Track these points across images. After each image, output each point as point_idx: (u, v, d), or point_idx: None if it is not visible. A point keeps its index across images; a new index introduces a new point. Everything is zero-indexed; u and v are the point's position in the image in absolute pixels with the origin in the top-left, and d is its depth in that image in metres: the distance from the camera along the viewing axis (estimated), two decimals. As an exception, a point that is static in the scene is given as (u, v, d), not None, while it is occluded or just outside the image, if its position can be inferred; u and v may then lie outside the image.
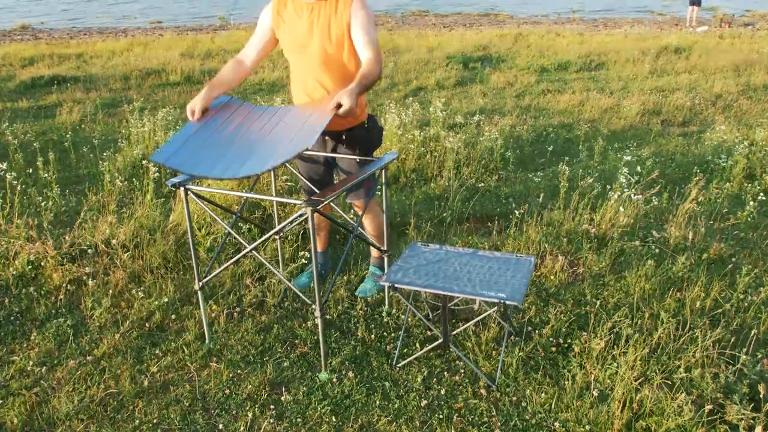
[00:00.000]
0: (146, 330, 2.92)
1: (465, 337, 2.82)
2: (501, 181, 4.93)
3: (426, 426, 2.31)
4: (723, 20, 18.26)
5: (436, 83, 9.16)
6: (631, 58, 10.78)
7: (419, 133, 5.22)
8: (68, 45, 13.86)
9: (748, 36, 14.37)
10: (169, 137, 5.41)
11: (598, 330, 2.73)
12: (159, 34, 17.32)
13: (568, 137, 6.24)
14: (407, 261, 2.63)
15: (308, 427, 2.31)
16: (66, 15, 23.79)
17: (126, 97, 8.42)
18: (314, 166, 3.00)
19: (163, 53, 11.70)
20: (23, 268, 3.32)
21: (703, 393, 2.35)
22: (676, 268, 3.33)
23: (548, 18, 22.40)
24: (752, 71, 9.42)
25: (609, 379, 2.47)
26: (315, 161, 2.99)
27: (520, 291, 2.34)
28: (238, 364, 2.67)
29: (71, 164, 5.46)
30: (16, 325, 2.97)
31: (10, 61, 11.07)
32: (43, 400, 2.45)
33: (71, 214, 4.18)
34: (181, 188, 2.46)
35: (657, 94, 8.04)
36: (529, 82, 9.25)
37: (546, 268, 3.36)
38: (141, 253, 3.50)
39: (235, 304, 3.13)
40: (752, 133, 5.76)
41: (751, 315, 2.97)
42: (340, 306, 3.10)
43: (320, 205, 2.23)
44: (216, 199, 3.91)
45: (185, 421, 2.35)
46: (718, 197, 4.46)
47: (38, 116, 7.37)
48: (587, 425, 2.27)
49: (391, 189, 4.73)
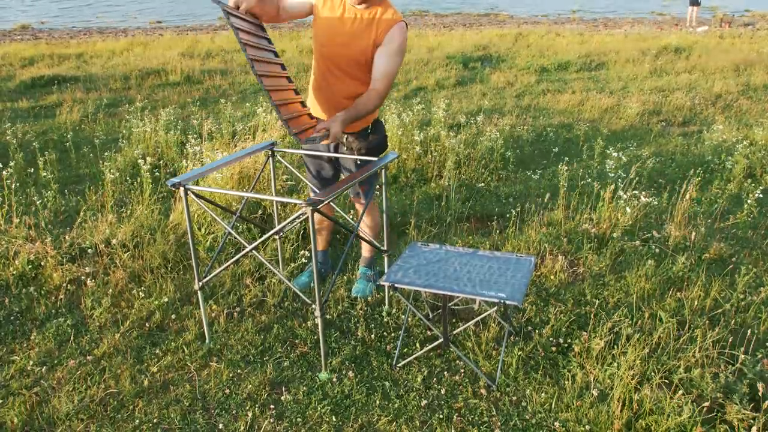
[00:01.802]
0: (146, 330, 2.92)
1: (465, 336, 2.82)
2: (501, 181, 4.93)
3: (426, 426, 2.32)
4: (723, 20, 18.27)
5: (436, 83, 9.16)
6: (631, 58, 10.78)
7: (419, 133, 5.22)
8: (68, 45, 13.86)
9: (748, 36, 14.37)
10: (169, 137, 5.42)
11: (598, 330, 2.73)
12: (159, 34, 17.32)
13: (568, 137, 6.24)
14: (407, 261, 2.64)
15: (308, 426, 2.31)
16: (66, 15, 23.78)
17: (126, 97, 8.42)
18: (320, 163, 3.03)
19: (163, 53, 11.70)
20: (23, 268, 3.32)
21: (703, 393, 2.35)
22: (676, 268, 3.33)
23: (548, 18, 22.40)
24: (752, 71, 9.43)
25: (609, 379, 2.47)
26: (320, 159, 3.01)
27: (520, 291, 2.34)
28: (238, 363, 2.67)
29: (71, 164, 5.46)
30: (16, 324, 2.97)
31: (10, 61, 11.08)
32: (43, 400, 2.45)
33: (71, 213, 4.18)
34: (181, 188, 2.46)
35: (657, 94, 8.04)
36: (529, 82, 9.25)
37: (546, 268, 3.36)
38: (141, 252, 3.50)
39: (235, 303, 3.13)
40: (752, 133, 5.76)
41: (751, 315, 2.97)
42: (340, 306, 3.10)
43: (320, 204, 2.23)
44: (216, 198, 3.91)
45: (185, 421, 2.35)
46: (718, 197, 4.46)
47: (38, 116, 7.38)
48: (587, 425, 2.27)
49: (391, 189, 4.73)
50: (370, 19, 2.61)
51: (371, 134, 2.88)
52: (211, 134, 5.65)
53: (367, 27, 2.61)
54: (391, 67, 2.61)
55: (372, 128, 2.89)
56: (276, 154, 3.02)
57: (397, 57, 2.62)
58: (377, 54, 2.61)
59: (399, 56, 2.63)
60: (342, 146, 2.89)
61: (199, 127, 6.03)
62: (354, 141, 2.84)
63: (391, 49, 2.59)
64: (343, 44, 2.66)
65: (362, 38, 2.62)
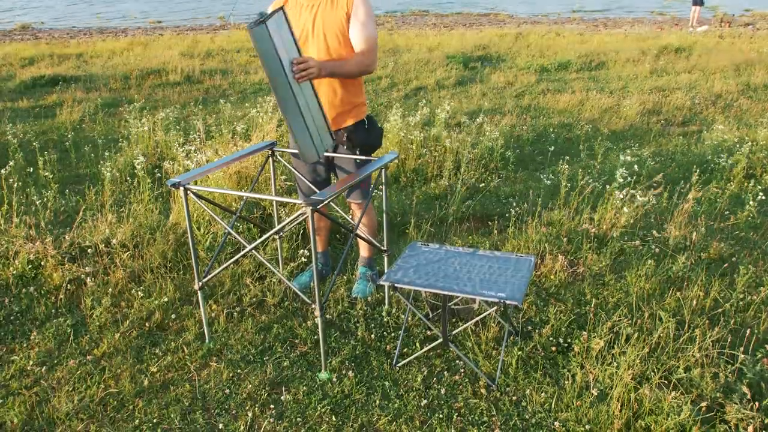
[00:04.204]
0: (146, 329, 2.92)
1: (465, 336, 2.82)
2: (501, 181, 4.93)
3: (426, 425, 2.31)
4: (723, 20, 18.27)
5: (436, 83, 9.16)
6: (631, 58, 10.78)
7: (419, 133, 5.22)
8: (68, 45, 13.86)
9: (748, 36, 14.37)
10: (170, 135, 5.42)
11: (598, 329, 2.73)
12: (159, 33, 17.32)
13: (568, 137, 6.24)
14: (407, 261, 2.64)
15: (308, 426, 2.31)
16: (66, 15, 23.78)
17: (126, 96, 8.42)
18: (314, 165, 3.01)
19: (163, 53, 11.70)
20: (23, 268, 3.32)
21: (703, 392, 2.35)
22: (675, 267, 3.33)
23: (548, 18, 22.40)
24: (752, 71, 9.42)
25: (609, 379, 2.47)
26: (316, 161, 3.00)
27: (520, 290, 2.34)
28: (238, 363, 2.67)
29: (71, 164, 5.46)
30: (16, 324, 2.97)
31: (11, 61, 11.08)
32: (43, 400, 2.45)
33: (71, 213, 4.18)
34: (181, 188, 2.46)
35: (657, 94, 8.04)
36: (529, 81, 9.25)
37: (546, 268, 3.36)
38: (141, 252, 3.50)
39: (235, 303, 3.13)
40: (752, 133, 5.76)
41: (751, 314, 2.97)
42: (340, 306, 3.10)
43: (320, 204, 2.23)
44: (215, 198, 3.91)
45: (185, 421, 2.35)
46: (718, 197, 4.46)
47: (38, 116, 7.38)
48: (587, 425, 2.27)
49: (391, 189, 4.73)
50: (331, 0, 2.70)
51: (368, 128, 2.92)
52: (211, 134, 5.65)
53: (333, 9, 2.70)
54: (369, 31, 2.70)
55: (367, 122, 2.93)
56: (276, 154, 3.02)
57: (371, 21, 2.71)
58: (351, 27, 2.70)
59: (372, 20, 2.73)
60: (341, 147, 2.90)
61: (197, 127, 6.03)
62: (353, 136, 2.86)
63: (361, 18, 2.69)
64: (315, 40, 2.73)
65: (333, 21, 2.70)
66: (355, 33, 2.69)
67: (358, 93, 2.88)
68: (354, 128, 2.88)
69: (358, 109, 2.89)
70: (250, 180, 4.29)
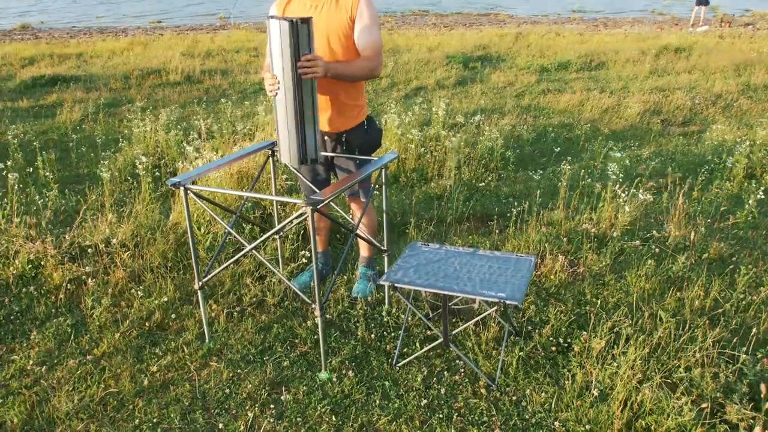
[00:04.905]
0: (146, 329, 2.92)
1: (465, 336, 2.82)
2: (501, 181, 4.93)
3: (426, 425, 2.31)
4: (723, 20, 18.27)
5: (436, 83, 9.16)
6: (631, 58, 10.78)
7: (419, 132, 5.22)
8: (68, 45, 13.85)
9: (748, 36, 14.36)
10: (170, 135, 5.42)
11: (598, 329, 2.73)
12: (159, 33, 17.32)
13: (569, 137, 6.24)
14: (407, 260, 2.63)
15: (308, 426, 2.31)
16: (66, 15, 23.78)
17: (126, 96, 8.42)
18: (314, 166, 3.00)
19: (163, 53, 11.69)
20: (23, 268, 3.32)
21: (703, 393, 2.35)
22: (676, 267, 3.32)
23: (548, 18, 22.40)
24: (752, 71, 9.42)
25: (609, 379, 2.47)
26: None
27: (520, 290, 2.34)
28: (238, 363, 2.67)
29: (71, 163, 5.46)
30: (16, 324, 2.97)
31: (11, 61, 11.07)
32: (43, 400, 2.45)
33: (71, 213, 4.18)
34: (181, 188, 2.46)
35: (657, 94, 8.03)
36: (529, 81, 9.25)
37: (546, 268, 3.36)
38: (141, 252, 3.50)
39: (235, 303, 3.13)
40: (752, 133, 5.76)
41: (751, 315, 2.97)
42: (340, 305, 3.10)
43: (320, 204, 2.23)
44: (216, 198, 3.91)
45: (185, 421, 2.35)
46: (718, 197, 4.46)
47: (38, 116, 7.37)
48: (587, 425, 2.27)
49: (391, 189, 4.73)
50: (335, 3, 2.69)
51: (368, 129, 2.91)
52: (212, 134, 5.65)
53: (337, 11, 2.68)
54: (374, 35, 2.69)
55: (367, 123, 2.92)
56: (276, 154, 3.02)
57: (375, 25, 2.70)
58: (356, 31, 2.69)
59: (376, 24, 2.71)
60: (339, 147, 2.91)
61: (199, 127, 6.02)
62: (352, 139, 2.86)
63: (366, 22, 2.67)
64: (318, 42, 2.70)
65: (337, 24, 2.68)
66: (360, 37, 2.67)
67: (359, 96, 2.88)
68: (353, 131, 2.88)
69: (358, 112, 2.88)
70: (251, 180, 4.29)
